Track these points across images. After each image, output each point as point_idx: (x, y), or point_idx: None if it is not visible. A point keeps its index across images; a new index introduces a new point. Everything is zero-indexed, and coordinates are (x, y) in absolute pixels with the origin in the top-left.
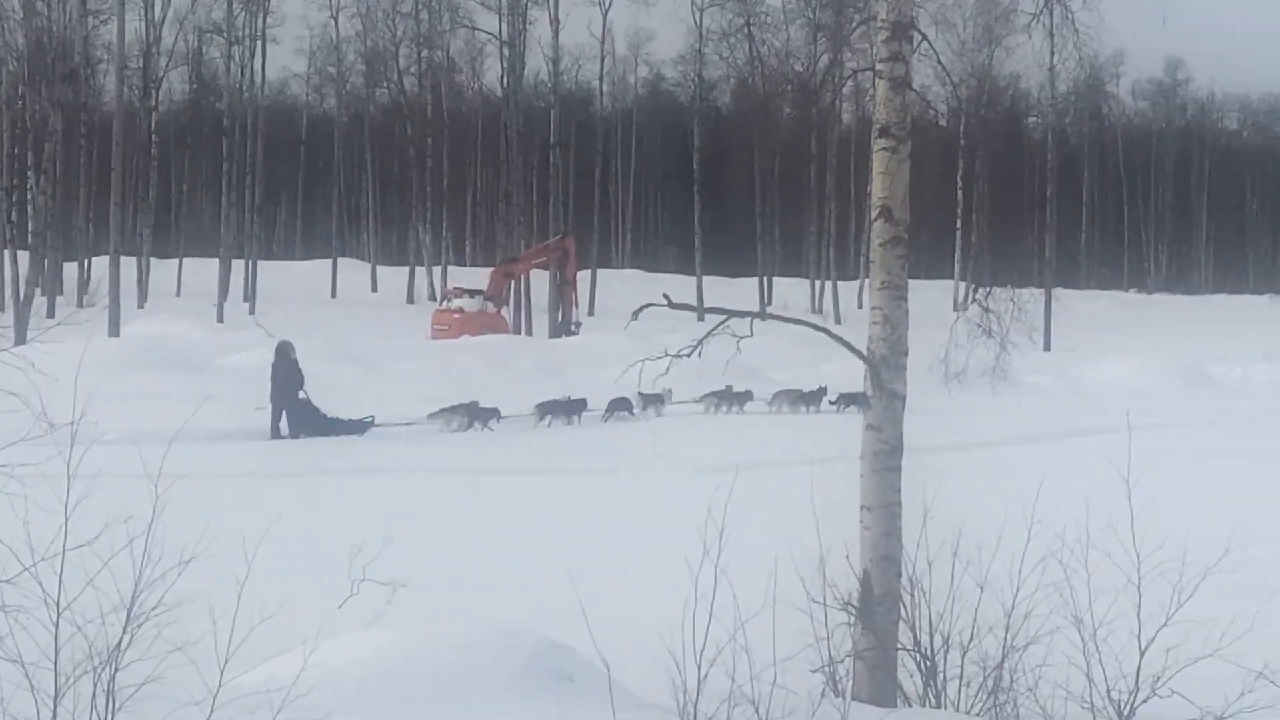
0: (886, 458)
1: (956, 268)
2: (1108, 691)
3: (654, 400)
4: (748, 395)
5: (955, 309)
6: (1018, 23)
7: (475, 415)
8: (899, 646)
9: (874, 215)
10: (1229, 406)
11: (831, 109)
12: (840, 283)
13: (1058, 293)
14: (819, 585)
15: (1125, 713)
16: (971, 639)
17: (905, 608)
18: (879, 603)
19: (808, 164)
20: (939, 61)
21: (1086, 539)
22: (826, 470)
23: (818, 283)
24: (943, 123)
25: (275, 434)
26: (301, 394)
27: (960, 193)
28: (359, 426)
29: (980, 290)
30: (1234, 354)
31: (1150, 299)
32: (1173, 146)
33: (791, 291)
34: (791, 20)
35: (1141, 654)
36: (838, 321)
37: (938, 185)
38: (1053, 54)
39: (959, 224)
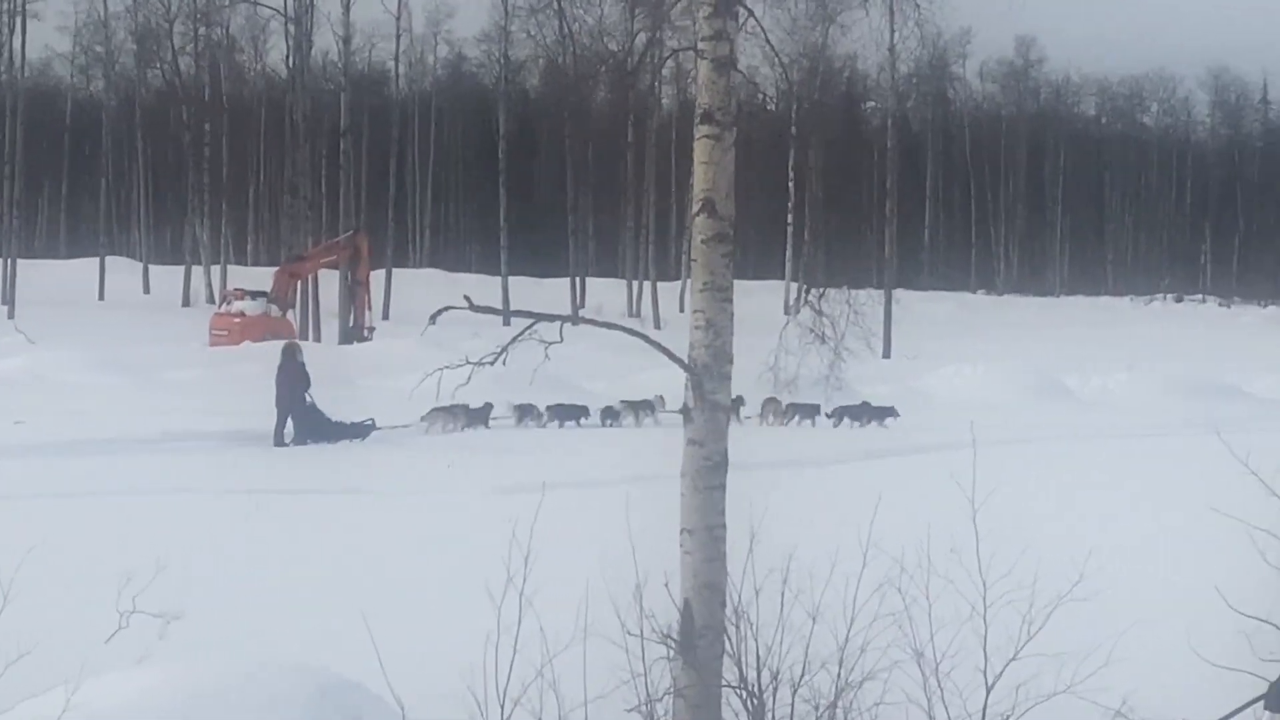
0: (709, 475)
1: (787, 267)
2: None
3: (644, 407)
4: (740, 401)
5: (786, 312)
6: None
7: (470, 417)
8: (723, 683)
9: (695, 209)
10: (1085, 420)
11: (650, 92)
12: (660, 284)
13: (898, 294)
14: (635, 616)
15: None
16: (803, 675)
17: (730, 640)
18: (701, 635)
19: (624, 153)
20: (767, 40)
21: (928, 565)
22: (645, 489)
23: (635, 284)
24: (772, 107)
25: (279, 441)
26: (308, 398)
27: (792, 185)
28: (362, 430)
29: (813, 292)
30: (1093, 362)
31: (1000, 301)
32: (1025, 134)
33: (607, 293)
34: None
35: (988, 690)
36: (657, 326)
37: (767, 176)
38: (893, 32)
39: (790, 219)
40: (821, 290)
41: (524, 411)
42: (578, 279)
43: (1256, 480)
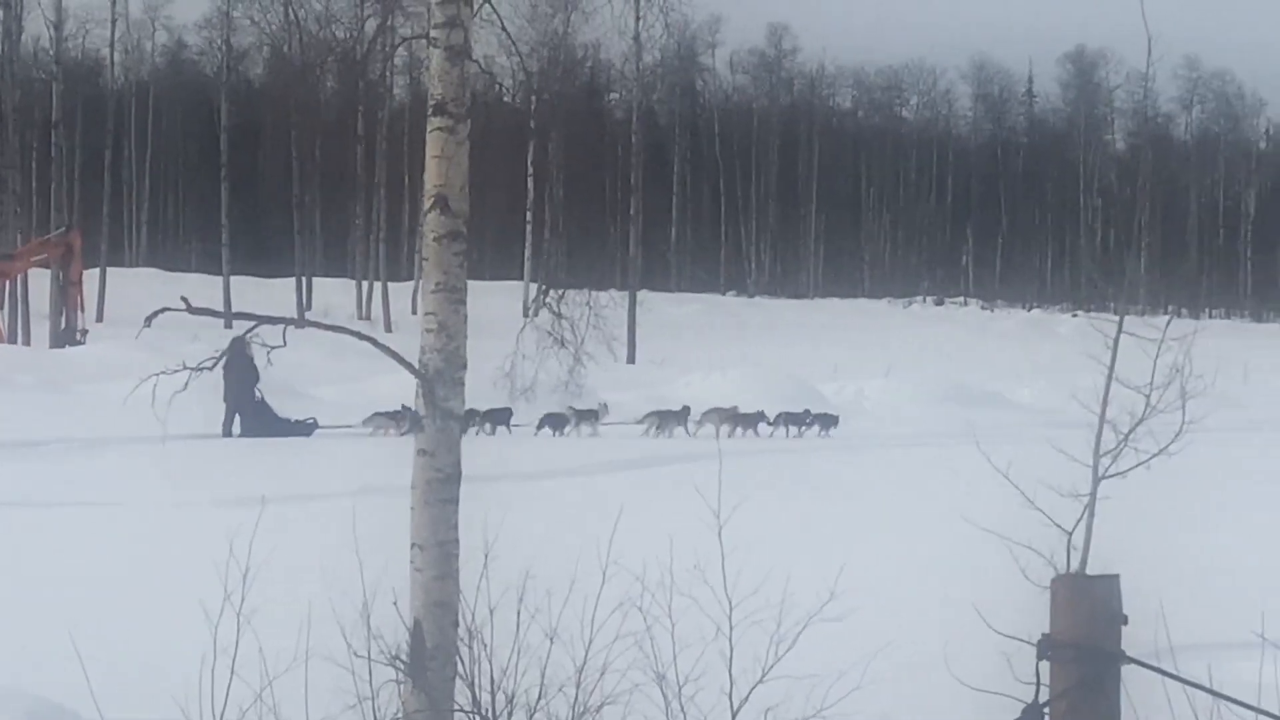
0: (441, 488)
1: (526, 267)
2: None
3: (588, 416)
4: (685, 413)
5: (525, 315)
6: None
7: (414, 421)
8: (456, 707)
9: (427, 206)
10: (840, 428)
11: (381, 83)
12: (391, 284)
13: (643, 296)
14: (362, 636)
15: None
16: (540, 698)
17: (463, 662)
18: (432, 657)
19: (354, 147)
20: (504, 28)
21: (671, 583)
22: (373, 502)
23: (366, 284)
24: (510, 99)
25: (227, 432)
26: (257, 393)
27: (531, 181)
28: (305, 428)
29: (552, 293)
30: (848, 368)
31: (751, 303)
32: (777, 128)
33: (336, 294)
34: None
35: (734, 714)
36: (388, 329)
37: (505, 172)
38: (638, 19)
39: (529, 217)
40: (561, 292)
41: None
42: (304, 279)
43: (1017, 493)
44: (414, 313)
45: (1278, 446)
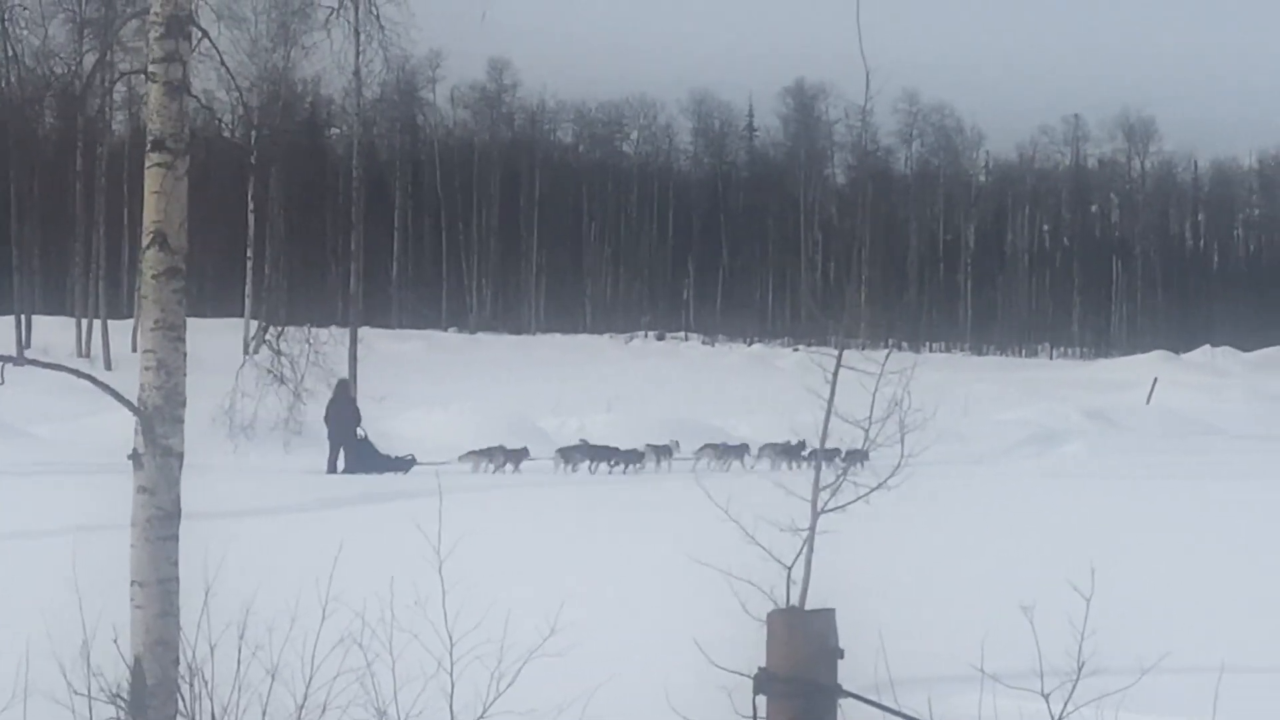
0: (161, 525)
1: (247, 304)
2: None
3: (663, 452)
4: (744, 448)
5: (245, 352)
6: (317, 18)
7: (507, 456)
8: None
9: (146, 243)
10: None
11: (100, 118)
12: (112, 321)
13: (364, 333)
14: (82, 674)
15: None
16: None
17: (184, 699)
18: (153, 694)
19: (73, 183)
20: (223, 63)
21: (391, 619)
22: (95, 539)
23: (86, 321)
24: (230, 134)
25: (332, 469)
26: (360, 431)
27: (252, 216)
28: (404, 464)
29: (272, 330)
30: (570, 403)
31: (473, 339)
32: (499, 162)
33: (55, 332)
34: (51, 15)
35: None
36: (108, 367)
37: (225, 207)
38: (358, 54)
39: (249, 253)
40: (281, 329)
41: (567, 455)
42: (23, 316)
43: (736, 527)
44: (134, 350)
45: (998, 479)
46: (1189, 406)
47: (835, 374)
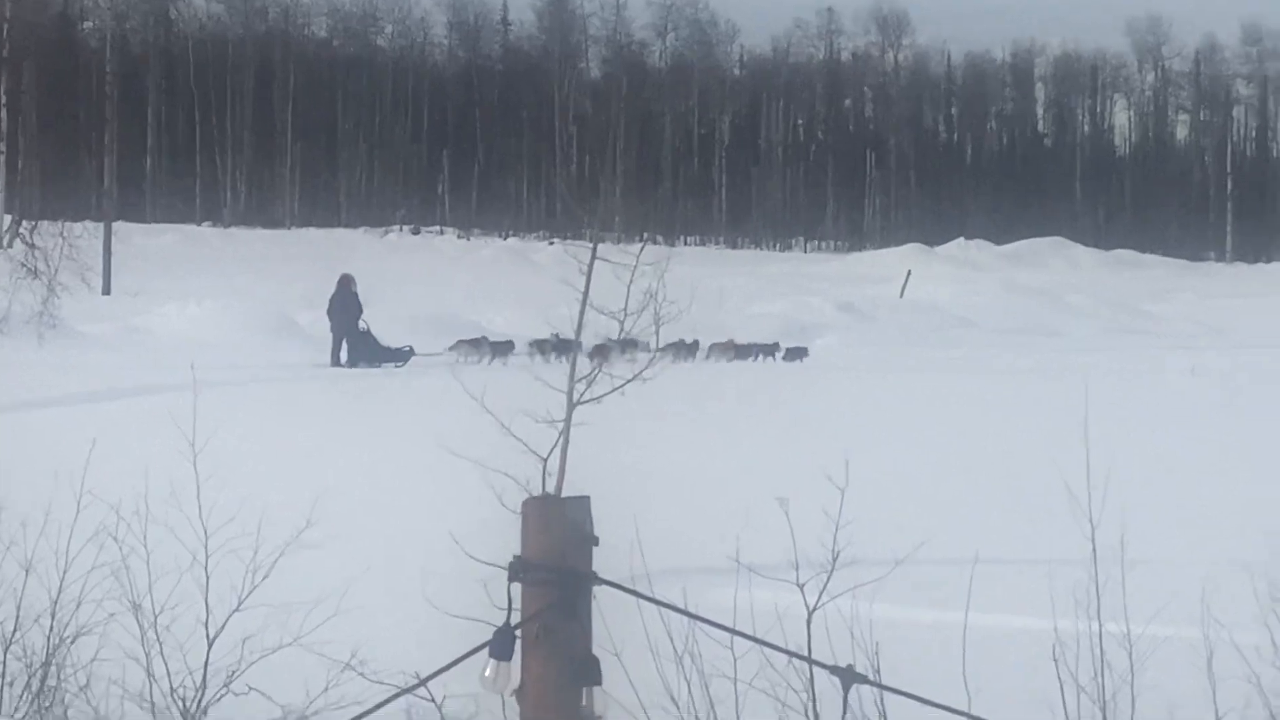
0: None
1: (1, 198)
2: (171, 689)
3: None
4: (695, 346)
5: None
6: None
7: (494, 350)
8: None
9: None
10: (308, 358)
11: None
12: None
13: (119, 227)
14: None
15: (193, 711)
16: (15, 631)
17: None
18: None
19: None
20: None
21: (146, 512)
22: None
23: None
24: None
25: (335, 362)
26: (362, 324)
27: (4, 111)
28: (402, 355)
29: (25, 224)
30: (325, 297)
31: (228, 233)
32: (253, 57)
33: None
34: None
35: (210, 644)
36: None
37: None
38: None
39: (3, 147)
40: (34, 223)
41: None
42: None
43: (497, 422)
44: None
45: (752, 371)
46: (942, 300)
47: (590, 267)
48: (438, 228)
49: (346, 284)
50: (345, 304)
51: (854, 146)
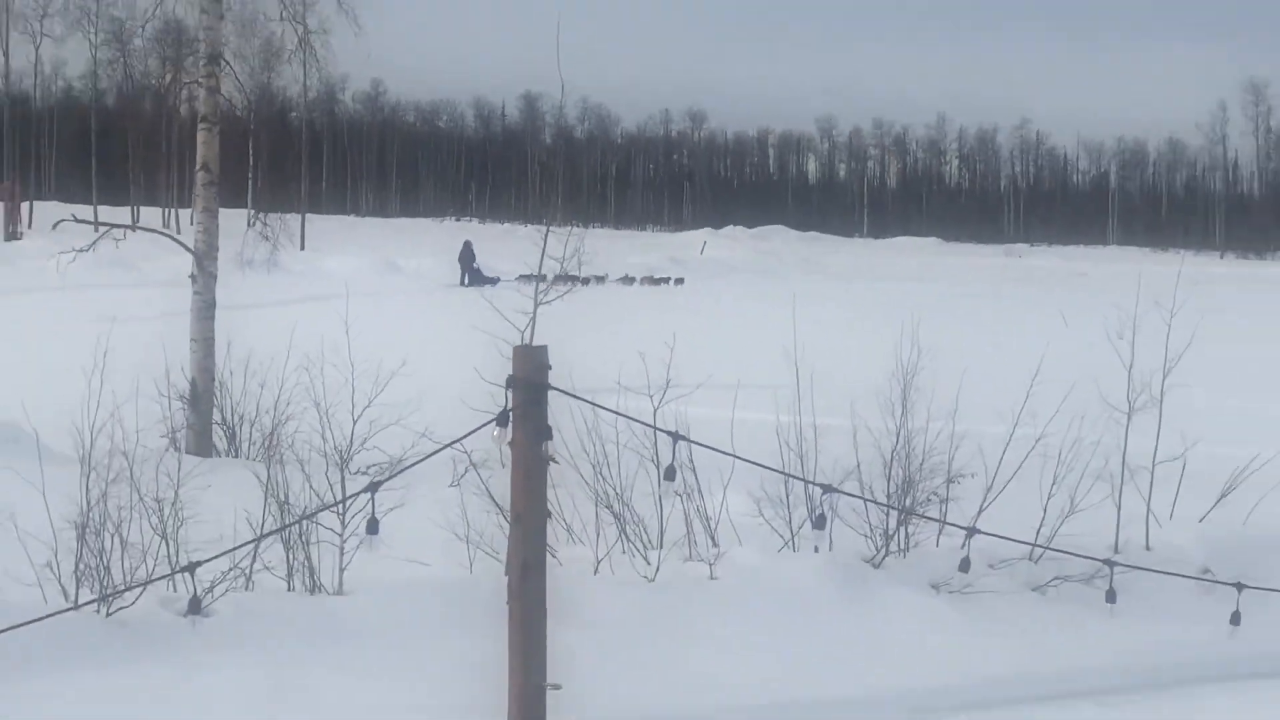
0: (206, 310)
1: (249, 200)
2: (335, 446)
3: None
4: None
5: (248, 225)
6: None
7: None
8: (215, 422)
9: (198, 167)
10: (413, 286)
11: (175, 106)
12: (180, 210)
13: (310, 216)
14: (166, 385)
15: (346, 456)
16: (255, 416)
17: (218, 398)
18: (201, 397)
19: (161, 141)
20: (237, 76)
21: (323, 356)
22: (174, 321)
23: (168, 210)
24: (240, 114)
25: (462, 283)
26: (475, 265)
27: (251, 157)
28: (494, 281)
29: (260, 214)
30: (419, 251)
31: (363, 220)
32: (375, 136)
33: (153, 218)
34: (150, 51)
35: (355, 423)
36: (179, 231)
37: (233, 153)
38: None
39: (250, 176)
40: (265, 213)
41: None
42: (134, 208)
43: (498, 314)
44: (191, 224)
45: (639, 295)
46: (722, 257)
47: (545, 239)
48: (471, 219)
49: (468, 246)
50: (466, 254)
51: (676, 180)
